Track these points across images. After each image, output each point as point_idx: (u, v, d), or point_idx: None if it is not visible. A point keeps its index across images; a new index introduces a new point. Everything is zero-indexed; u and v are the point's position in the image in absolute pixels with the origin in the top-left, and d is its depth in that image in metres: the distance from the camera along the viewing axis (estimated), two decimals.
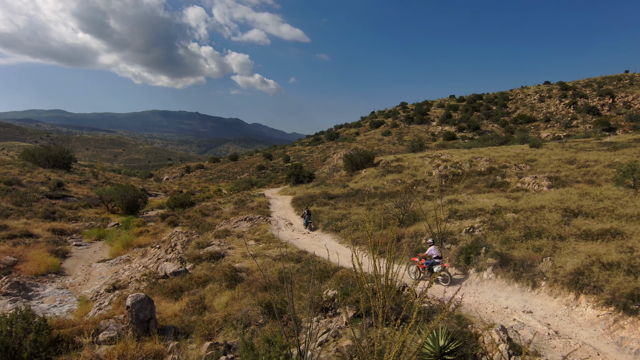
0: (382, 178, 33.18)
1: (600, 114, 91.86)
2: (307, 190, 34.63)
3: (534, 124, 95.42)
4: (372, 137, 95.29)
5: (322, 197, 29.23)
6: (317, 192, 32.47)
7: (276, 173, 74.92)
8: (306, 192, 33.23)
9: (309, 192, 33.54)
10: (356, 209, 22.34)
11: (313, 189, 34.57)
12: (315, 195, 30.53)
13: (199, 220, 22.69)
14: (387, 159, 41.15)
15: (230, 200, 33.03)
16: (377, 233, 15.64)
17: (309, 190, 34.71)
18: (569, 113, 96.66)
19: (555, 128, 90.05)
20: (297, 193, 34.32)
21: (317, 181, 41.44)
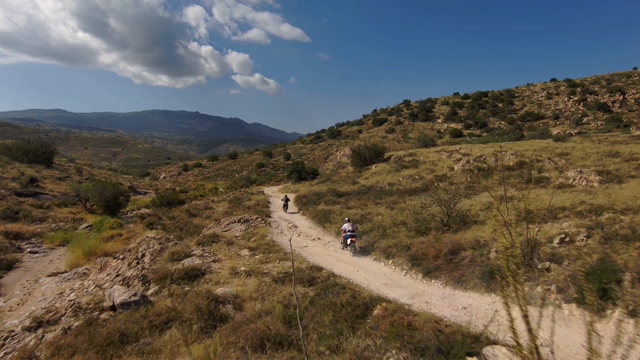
0: (396, 174, 29.00)
1: (611, 111, 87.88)
2: (311, 188, 30.45)
3: (543, 121, 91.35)
4: (376, 135, 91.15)
5: (330, 194, 25.06)
6: (323, 189, 28.30)
7: (276, 171, 70.71)
8: (311, 190, 29.05)
9: (314, 189, 29.37)
10: (374, 208, 18.16)
11: (318, 186, 30.39)
12: (321, 192, 26.37)
13: (183, 222, 18.50)
14: (399, 153, 36.99)
15: (225, 199, 28.82)
16: (416, 241, 11.51)
17: (314, 187, 30.52)
18: (578, 110, 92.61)
19: (565, 125, 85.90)
20: (301, 190, 30.11)
21: (322, 178, 37.30)
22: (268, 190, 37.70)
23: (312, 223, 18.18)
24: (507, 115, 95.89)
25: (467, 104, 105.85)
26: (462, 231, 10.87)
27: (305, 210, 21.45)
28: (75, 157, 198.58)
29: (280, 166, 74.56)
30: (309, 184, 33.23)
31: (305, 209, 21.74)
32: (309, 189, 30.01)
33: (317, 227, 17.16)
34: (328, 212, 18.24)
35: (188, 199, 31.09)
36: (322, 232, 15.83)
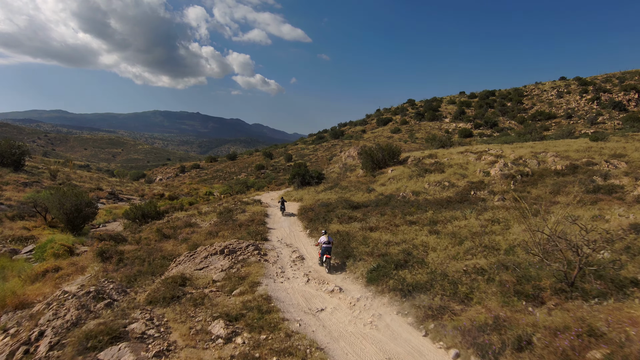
0: (419, 179, 23.85)
1: (627, 110, 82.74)
2: (317, 195, 25.34)
3: (554, 120, 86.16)
4: (381, 135, 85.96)
5: (343, 206, 19.93)
6: (332, 197, 23.18)
7: (277, 173, 65.53)
8: (317, 198, 23.94)
9: (320, 197, 24.26)
10: (411, 232, 12.98)
11: (326, 194, 25.26)
12: (331, 202, 21.24)
13: (150, 249, 13.41)
14: (415, 154, 31.82)
15: (215, 209, 23.69)
16: (519, 316, 6.01)
17: (321, 194, 25.40)
18: (592, 109, 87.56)
19: (579, 125, 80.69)
20: (305, 199, 24.96)
21: (328, 182, 32.22)
22: (267, 196, 32.54)
23: None
24: (517, 114, 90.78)
25: (475, 103, 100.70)
26: (616, 302, 5.66)
27: (313, 229, 16.26)
28: (73, 158, 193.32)
29: (281, 168, 69.39)
30: (314, 191, 28.08)
31: (313, 228, 16.56)
32: (314, 197, 24.88)
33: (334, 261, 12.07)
34: (347, 238, 13.03)
35: (172, 209, 25.96)
36: (344, 275, 10.62)
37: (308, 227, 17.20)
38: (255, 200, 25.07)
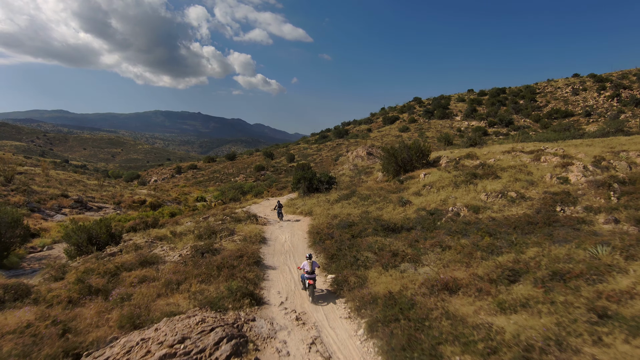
0: (469, 187, 17.39)
1: None
2: (332, 208, 18.84)
3: (572, 118, 79.64)
4: (388, 134, 79.51)
5: (372, 227, 13.59)
6: (353, 212, 16.72)
7: (278, 175, 59.06)
8: (333, 213, 17.46)
9: (336, 211, 17.78)
10: (529, 299, 6.68)
11: (343, 205, 18.74)
12: (352, 221, 14.87)
13: (47, 330, 7.16)
14: (450, 154, 25.39)
15: (195, 228, 17.27)
16: None
17: (336, 207, 18.88)
18: (612, 106, 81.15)
19: (600, 123, 74.16)
20: (316, 213, 18.48)
21: (341, 188, 25.83)
22: (266, 205, 26.03)
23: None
24: (532, 112, 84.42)
25: (485, 100, 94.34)
26: None
27: (341, 280, 9.64)
28: (72, 158, 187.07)
29: (283, 169, 62.92)
30: (326, 200, 21.61)
31: (338, 274, 9.99)
32: (328, 210, 18.43)
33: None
34: (412, 323, 6.53)
35: (142, 224, 19.52)
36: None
37: (329, 268, 10.64)
38: (249, 215, 18.45)
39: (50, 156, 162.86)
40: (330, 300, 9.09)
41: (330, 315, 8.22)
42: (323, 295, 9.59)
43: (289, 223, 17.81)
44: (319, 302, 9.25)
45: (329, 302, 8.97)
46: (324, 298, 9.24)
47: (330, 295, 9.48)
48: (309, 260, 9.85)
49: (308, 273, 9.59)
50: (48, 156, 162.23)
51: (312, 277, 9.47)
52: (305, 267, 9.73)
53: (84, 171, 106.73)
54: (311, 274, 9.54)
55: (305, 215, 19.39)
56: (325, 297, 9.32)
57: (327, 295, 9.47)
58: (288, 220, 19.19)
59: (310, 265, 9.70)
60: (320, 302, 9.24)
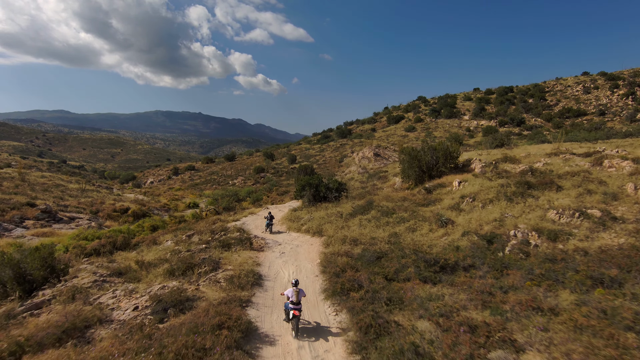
0: (527, 201, 13.13)
1: None
2: (346, 226, 14.61)
3: (585, 117, 75.44)
4: (394, 133, 75.36)
5: (409, 260, 9.46)
6: (378, 234, 12.48)
7: (279, 177, 54.83)
8: (350, 235, 13.17)
9: (352, 231, 13.51)
10: None
11: (359, 223, 14.46)
12: (380, 250, 10.67)
13: None
14: (481, 157, 21.15)
15: (172, 255, 13.09)
16: None
17: (352, 224, 14.59)
18: (627, 105, 76.97)
19: (615, 122, 69.89)
20: (328, 234, 14.11)
21: (353, 196, 21.61)
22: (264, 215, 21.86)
23: None
24: (543, 111, 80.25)
25: (494, 99, 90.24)
26: None
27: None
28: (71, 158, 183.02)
29: (284, 171, 58.66)
30: (337, 213, 17.36)
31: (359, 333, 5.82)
32: (341, 230, 14.17)
33: None
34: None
35: (108, 245, 15.32)
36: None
37: (368, 356, 6.36)
38: (242, 238, 14.10)
39: (48, 156, 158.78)
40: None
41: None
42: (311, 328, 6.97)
43: (293, 248, 13.54)
44: (304, 336, 7.81)
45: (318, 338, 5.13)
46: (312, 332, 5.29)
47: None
48: (295, 288, 8.45)
49: (293, 303, 8.22)
50: (46, 156, 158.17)
51: (298, 307, 8.20)
52: (291, 295, 8.35)
53: (79, 172, 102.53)
54: (297, 305, 8.23)
55: (314, 235, 15.13)
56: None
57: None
58: (291, 240, 14.96)
59: (296, 295, 8.31)
60: (305, 336, 7.64)
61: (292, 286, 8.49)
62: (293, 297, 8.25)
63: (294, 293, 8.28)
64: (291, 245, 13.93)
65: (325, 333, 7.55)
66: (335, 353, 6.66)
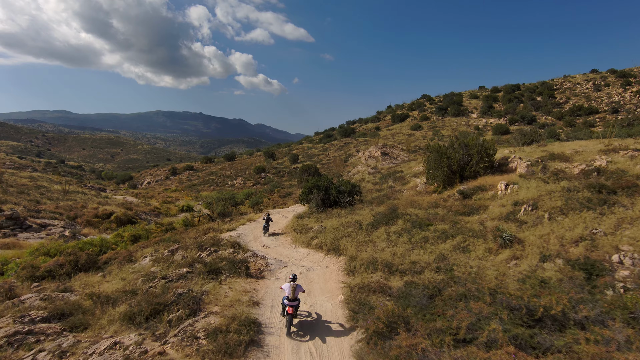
0: (616, 211, 9.86)
1: None
2: (370, 242, 11.14)
3: (598, 115, 72.01)
4: (399, 132, 71.94)
5: (486, 306, 6.27)
6: (421, 256, 9.09)
7: (281, 178, 51.42)
8: (377, 256, 9.87)
9: (381, 252, 10.16)
10: None
11: (386, 238, 11.07)
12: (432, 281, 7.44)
13: None
14: (521, 154, 17.78)
15: (145, 277, 9.74)
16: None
17: (377, 239, 11.16)
18: None
19: (630, 120, 66.49)
20: (349, 254, 10.57)
21: (369, 200, 18.23)
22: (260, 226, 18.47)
23: None
24: (553, 109, 76.87)
25: (501, 97, 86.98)
26: None
27: None
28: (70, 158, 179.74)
29: (286, 171, 55.23)
30: (354, 223, 13.92)
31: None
32: (364, 246, 10.76)
33: None
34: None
35: (64, 268, 11.95)
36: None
37: None
38: (237, 261, 10.58)
39: (47, 156, 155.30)
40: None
41: None
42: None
43: (303, 273, 10.10)
44: (297, 336, 7.01)
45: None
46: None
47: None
48: (293, 282, 7.86)
49: (289, 300, 7.65)
50: (45, 156, 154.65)
51: (294, 304, 7.61)
52: (287, 291, 7.73)
53: (76, 172, 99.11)
54: (293, 301, 7.64)
55: (328, 253, 11.71)
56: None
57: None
58: (300, 259, 11.57)
59: (293, 290, 7.69)
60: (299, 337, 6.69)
61: (290, 281, 7.94)
62: (289, 292, 7.65)
63: (291, 289, 7.70)
64: (300, 269, 10.48)
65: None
66: None
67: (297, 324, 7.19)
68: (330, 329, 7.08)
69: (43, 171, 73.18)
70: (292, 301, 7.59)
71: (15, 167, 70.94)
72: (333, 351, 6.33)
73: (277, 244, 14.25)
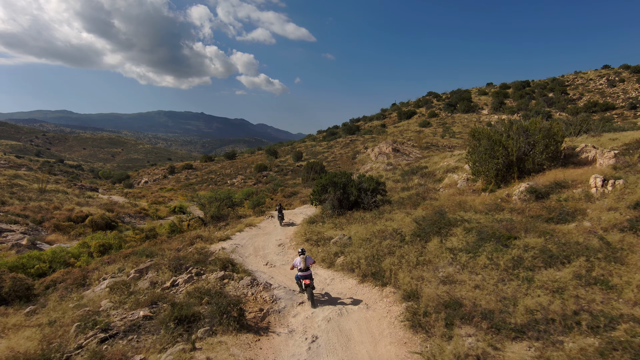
0: None
1: None
2: (426, 264, 7.43)
3: (615, 111, 67.89)
4: (407, 129, 67.98)
5: None
6: (539, 302, 5.46)
7: (284, 176, 47.47)
8: (450, 292, 5.96)
9: (463, 288, 6.27)
10: None
11: (447, 259, 7.31)
12: None
13: None
14: (595, 142, 13.87)
15: (82, 321, 6.04)
16: None
17: (436, 260, 7.50)
18: None
19: None
20: (404, 286, 6.61)
21: (396, 201, 14.37)
22: (270, 230, 14.63)
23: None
24: (567, 105, 72.82)
25: (512, 93, 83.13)
26: None
27: None
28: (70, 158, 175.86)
29: (289, 169, 51.28)
30: (390, 232, 10.07)
31: None
32: (422, 271, 6.95)
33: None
34: None
35: None
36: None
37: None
38: (223, 306, 6.58)
39: (46, 156, 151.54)
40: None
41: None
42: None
43: (333, 318, 6.13)
44: (318, 305, 7.02)
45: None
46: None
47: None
48: (302, 255, 7.81)
49: (302, 271, 7.62)
50: (44, 156, 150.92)
51: (308, 274, 7.55)
52: (298, 264, 7.78)
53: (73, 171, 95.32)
54: (305, 271, 7.58)
55: (363, 280, 7.77)
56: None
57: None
58: (321, 289, 7.68)
59: (304, 261, 7.68)
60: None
61: (299, 254, 7.83)
62: (301, 264, 7.65)
63: (302, 260, 7.69)
64: (326, 310, 6.50)
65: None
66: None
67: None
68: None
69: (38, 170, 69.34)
70: (304, 271, 7.50)
71: (8, 166, 67.13)
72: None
73: (285, 259, 10.35)
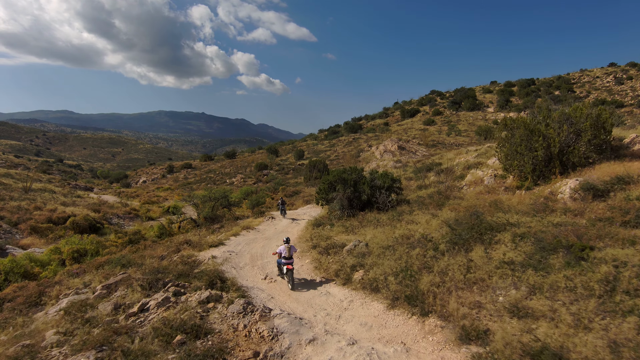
0: None
1: None
2: (479, 283, 5.65)
3: (624, 109, 65.74)
4: (411, 127, 65.91)
5: None
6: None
7: (285, 175, 45.48)
8: (530, 332, 4.28)
9: (541, 325, 4.62)
10: None
11: (509, 282, 5.50)
12: None
13: None
14: None
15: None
16: None
17: (509, 291, 5.64)
18: None
19: None
20: (457, 321, 4.96)
21: (415, 200, 12.41)
22: (270, 234, 12.67)
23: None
24: (574, 103, 70.70)
25: (517, 91, 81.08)
26: None
27: None
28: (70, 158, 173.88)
29: (290, 168, 49.29)
30: (418, 238, 8.19)
31: None
32: (478, 296, 5.21)
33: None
34: None
35: None
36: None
37: None
38: (201, 352, 4.73)
39: (46, 155, 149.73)
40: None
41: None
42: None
43: None
44: (298, 288, 7.78)
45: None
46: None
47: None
48: (287, 244, 8.56)
49: (286, 259, 8.32)
50: (43, 155, 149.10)
51: (290, 261, 8.26)
52: (283, 252, 8.46)
53: (71, 171, 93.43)
54: (289, 259, 8.31)
55: (393, 304, 5.84)
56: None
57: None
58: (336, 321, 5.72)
59: (288, 250, 8.42)
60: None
61: (284, 243, 8.48)
62: (285, 252, 8.21)
63: (286, 249, 8.29)
64: (350, 355, 4.54)
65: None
66: None
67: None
68: None
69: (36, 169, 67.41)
70: (288, 259, 8.14)
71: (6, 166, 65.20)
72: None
73: (282, 284, 8.38)
